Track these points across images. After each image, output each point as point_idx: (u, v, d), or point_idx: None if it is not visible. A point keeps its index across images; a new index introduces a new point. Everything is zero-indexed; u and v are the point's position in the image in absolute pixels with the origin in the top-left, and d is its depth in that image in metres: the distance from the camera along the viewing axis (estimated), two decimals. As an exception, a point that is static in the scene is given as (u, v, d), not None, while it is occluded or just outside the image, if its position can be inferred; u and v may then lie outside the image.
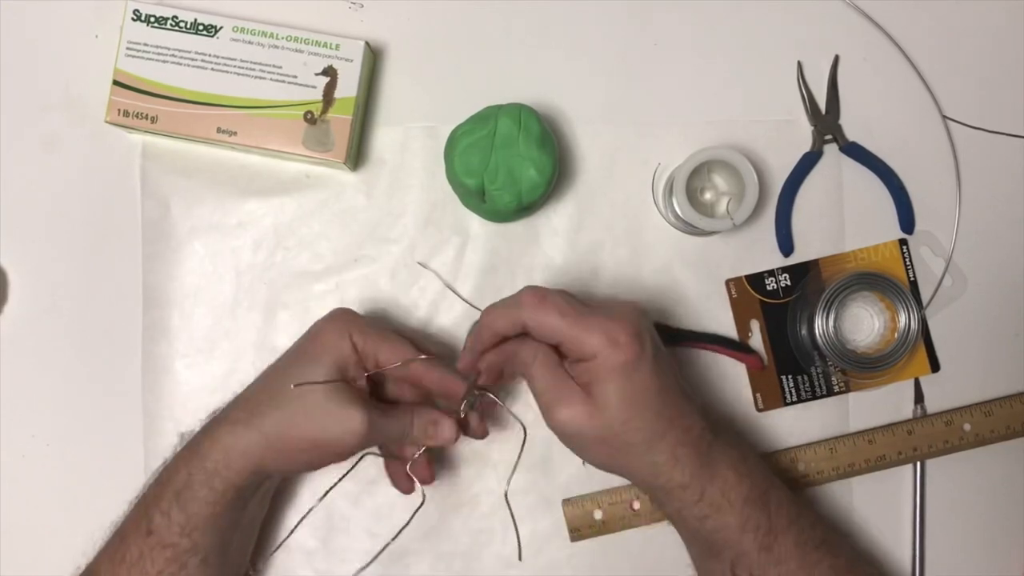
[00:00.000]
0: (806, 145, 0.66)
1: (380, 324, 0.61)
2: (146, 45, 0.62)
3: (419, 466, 0.59)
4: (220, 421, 0.56)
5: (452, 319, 0.65)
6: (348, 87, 0.62)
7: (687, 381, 0.58)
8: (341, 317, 0.58)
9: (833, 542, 0.57)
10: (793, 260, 0.66)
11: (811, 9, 0.67)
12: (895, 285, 0.64)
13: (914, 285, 0.66)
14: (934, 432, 0.65)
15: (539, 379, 0.54)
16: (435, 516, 0.64)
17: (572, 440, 0.55)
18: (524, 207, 0.62)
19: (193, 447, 0.56)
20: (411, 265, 0.65)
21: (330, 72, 0.62)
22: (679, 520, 0.56)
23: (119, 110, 0.62)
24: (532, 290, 0.55)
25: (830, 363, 0.65)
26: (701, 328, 0.65)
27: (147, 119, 0.62)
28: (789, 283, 0.66)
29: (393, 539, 0.59)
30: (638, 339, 0.53)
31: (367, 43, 0.63)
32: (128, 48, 0.62)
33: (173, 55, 0.62)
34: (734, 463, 0.55)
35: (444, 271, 0.65)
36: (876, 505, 0.65)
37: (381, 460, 0.62)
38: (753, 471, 0.56)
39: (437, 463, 0.64)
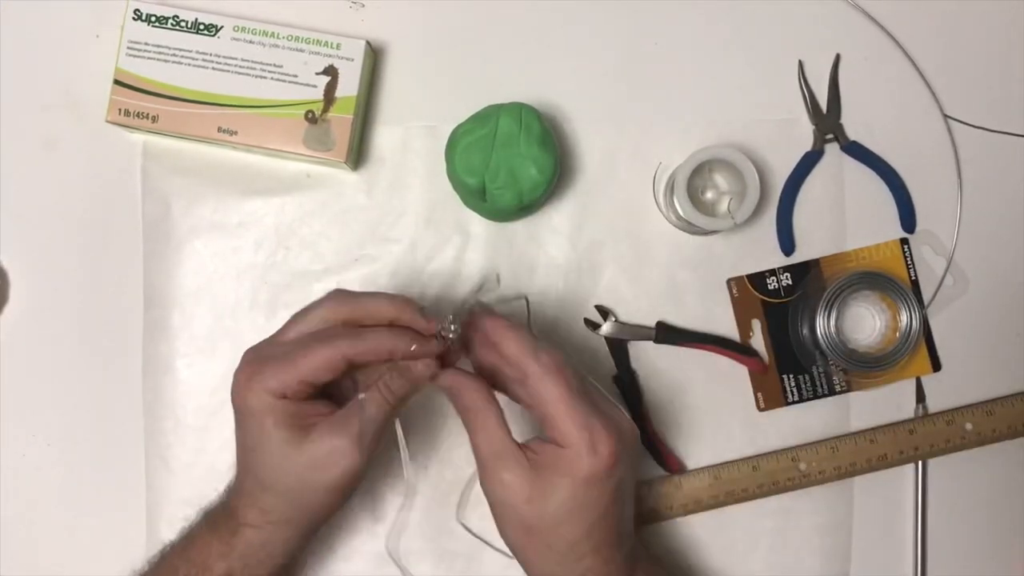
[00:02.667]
0: (807, 144, 0.66)
1: (280, 343, 0.53)
2: (147, 44, 0.62)
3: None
4: (238, 524, 0.53)
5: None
6: (349, 86, 0.62)
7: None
8: (243, 383, 0.52)
9: None
10: (794, 259, 0.66)
11: (812, 8, 0.67)
12: (896, 284, 0.64)
13: (915, 284, 0.66)
14: (936, 431, 0.65)
15: (491, 431, 0.51)
16: (436, 516, 0.64)
17: (497, 509, 0.52)
18: (525, 206, 0.62)
19: (225, 541, 0.53)
20: (411, 264, 0.65)
21: (331, 71, 0.62)
22: None
23: (120, 109, 0.62)
24: (555, 357, 0.51)
25: (831, 362, 0.65)
26: (702, 328, 0.65)
27: (148, 118, 0.62)
28: (790, 282, 0.66)
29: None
30: (616, 457, 0.50)
31: (368, 42, 0.63)
32: (129, 47, 0.62)
33: (174, 54, 0.62)
34: None
35: (445, 271, 0.65)
36: (878, 504, 0.65)
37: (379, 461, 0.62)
38: None
39: (437, 460, 0.64)
